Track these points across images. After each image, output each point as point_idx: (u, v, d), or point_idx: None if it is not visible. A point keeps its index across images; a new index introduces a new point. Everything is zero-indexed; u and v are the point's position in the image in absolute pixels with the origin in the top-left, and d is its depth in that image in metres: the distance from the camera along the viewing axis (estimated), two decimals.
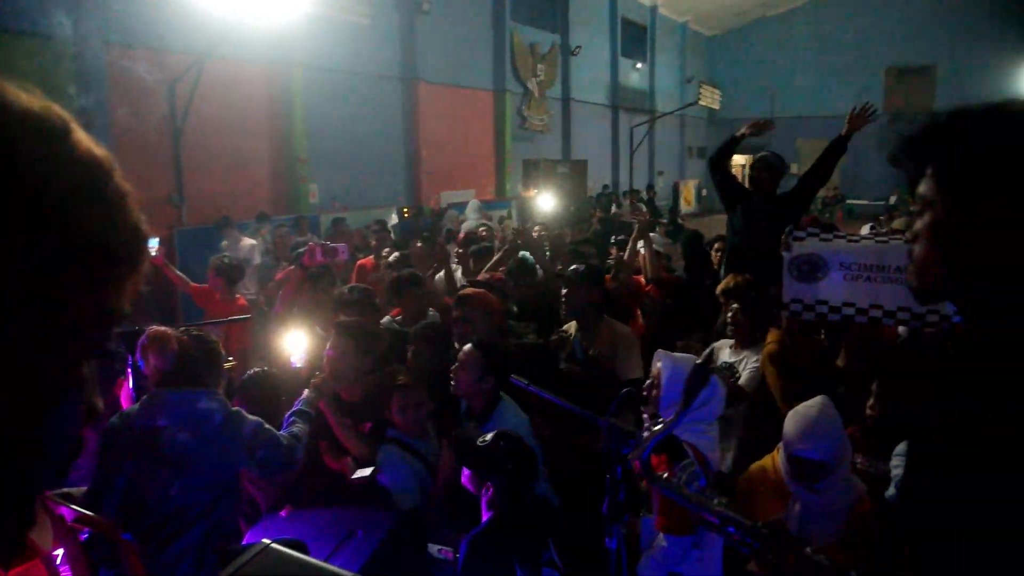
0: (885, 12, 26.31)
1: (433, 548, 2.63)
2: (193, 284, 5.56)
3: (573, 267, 4.06)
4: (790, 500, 2.57)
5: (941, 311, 3.02)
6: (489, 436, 2.37)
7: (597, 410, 2.40)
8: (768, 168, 5.02)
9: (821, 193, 25.48)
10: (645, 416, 2.61)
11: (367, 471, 2.85)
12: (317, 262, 4.44)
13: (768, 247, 4.74)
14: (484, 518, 2.40)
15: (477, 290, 3.96)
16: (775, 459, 2.64)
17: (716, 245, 6.22)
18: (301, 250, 5.01)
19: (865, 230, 5.48)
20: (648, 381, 2.66)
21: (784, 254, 3.40)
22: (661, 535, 2.64)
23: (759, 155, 5.20)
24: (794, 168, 29.30)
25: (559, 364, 3.64)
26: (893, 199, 23.95)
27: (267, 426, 2.66)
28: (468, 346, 3.10)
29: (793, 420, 2.54)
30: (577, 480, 3.08)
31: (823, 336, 3.87)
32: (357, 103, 11.93)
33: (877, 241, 3.31)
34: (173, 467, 2.49)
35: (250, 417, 2.66)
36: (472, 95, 15.28)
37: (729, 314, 3.89)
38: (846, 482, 2.52)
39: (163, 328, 2.95)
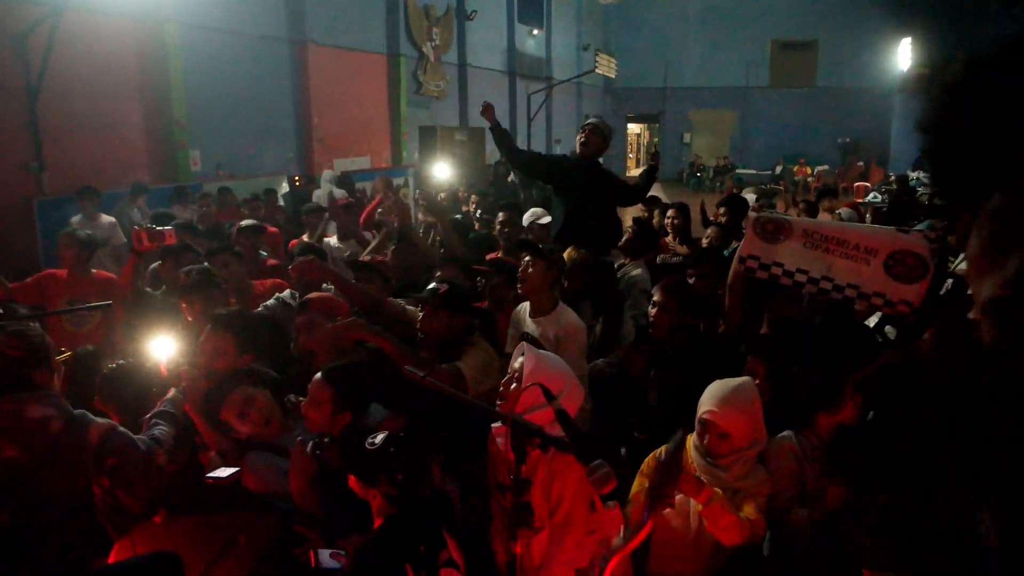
0: None
1: (324, 554, 2.42)
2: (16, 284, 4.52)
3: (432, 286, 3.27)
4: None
5: (887, 296, 3.05)
6: (379, 438, 2.15)
7: None
8: (598, 133, 5.10)
9: (712, 163, 26.46)
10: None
11: (225, 472, 2.58)
12: (145, 248, 4.06)
13: (604, 214, 4.95)
14: (375, 524, 2.21)
15: (322, 294, 3.62)
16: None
17: (669, 212, 6.09)
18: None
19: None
20: (506, 377, 2.49)
21: (751, 213, 3.39)
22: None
23: (590, 121, 5.26)
24: (687, 138, 30.39)
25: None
26: (779, 169, 25.04)
27: (120, 429, 2.37)
28: (317, 377, 2.69)
29: (713, 386, 2.49)
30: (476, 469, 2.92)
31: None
32: (241, 65, 11.18)
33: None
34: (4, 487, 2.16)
35: (97, 420, 2.35)
36: (365, 58, 14.66)
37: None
38: (753, 470, 2.49)
39: None
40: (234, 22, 10.95)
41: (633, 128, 33.14)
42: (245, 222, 5.50)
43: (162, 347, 2.90)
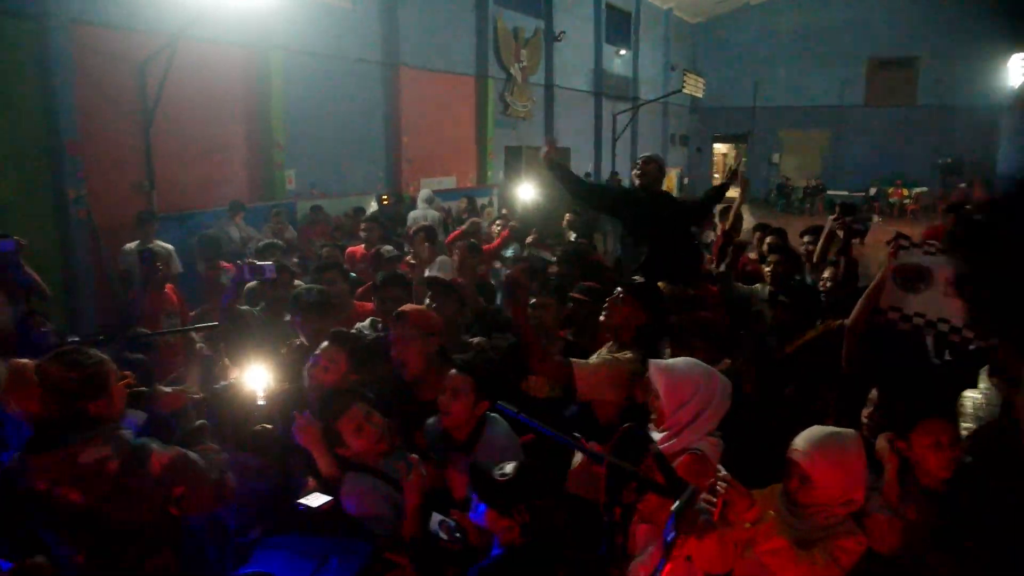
0: (868, 2, 26.27)
1: (435, 520, 2.48)
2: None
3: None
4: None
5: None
6: (509, 468, 2.18)
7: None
8: (652, 162, 5.12)
9: (802, 183, 25.68)
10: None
11: (318, 500, 2.66)
12: (247, 280, 4.24)
13: (683, 246, 4.91)
14: (494, 552, 2.24)
15: (417, 307, 3.64)
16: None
17: (805, 238, 5.80)
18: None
19: None
20: (651, 395, 2.54)
21: (892, 260, 3.31)
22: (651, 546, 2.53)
23: (644, 155, 5.26)
24: (775, 158, 29.64)
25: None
26: (873, 191, 24.07)
27: (188, 456, 2.31)
28: (454, 371, 2.88)
29: (813, 429, 2.39)
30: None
31: None
32: (336, 88, 11.61)
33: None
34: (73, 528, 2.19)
35: (162, 449, 2.26)
36: (454, 80, 14.99)
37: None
38: (834, 530, 2.30)
39: (21, 360, 2.65)
40: (333, 47, 11.40)
41: (720, 148, 32.56)
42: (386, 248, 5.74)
43: (258, 376, 3.01)
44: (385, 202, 12.19)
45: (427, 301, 4.02)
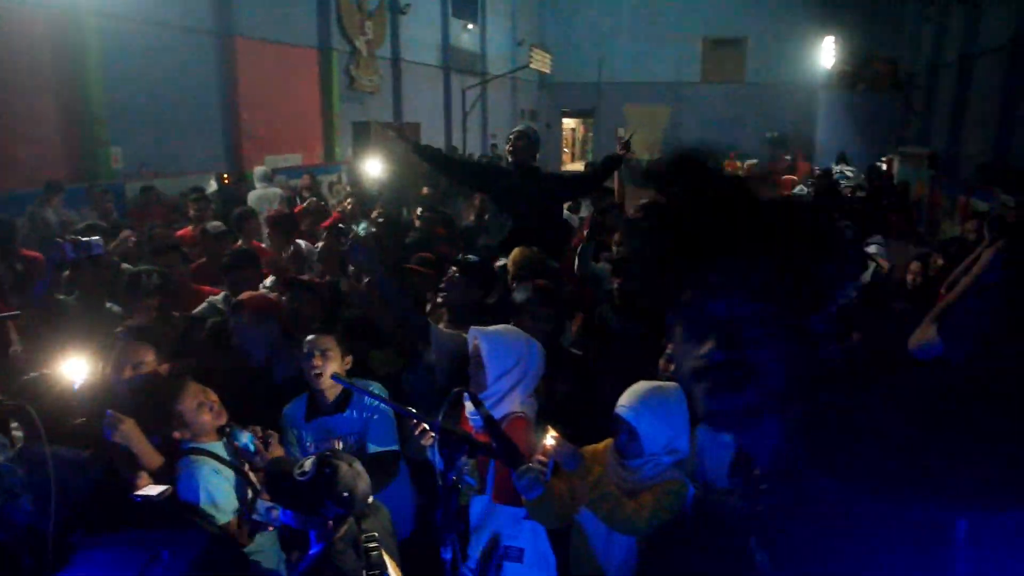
0: None
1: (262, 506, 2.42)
2: None
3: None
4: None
5: None
6: (308, 464, 2.11)
7: None
8: (523, 137, 5.10)
9: (646, 157, 26.83)
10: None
11: (155, 490, 2.51)
12: (69, 260, 3.94)
13: (550, 222, 4.99)
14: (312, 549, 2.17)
15: (256, 293, 3.68)
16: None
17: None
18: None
19: None
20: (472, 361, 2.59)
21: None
22: (491, 510, 2.59)
23: (516, 129, 5.24)
24: (621, 132, 30.68)
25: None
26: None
27: None
28: (313, 337, 2.92)
29: (636, 385, 2.51)
30: None
31: None
32: (165, 59, 10.78)
33: None
34: None
35: None
36: (295, 52, 14.34)
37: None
38: (661, 477, 2.43)
39: None
40: (157, 13, 10.55)
41: (568, 123, 33.36)
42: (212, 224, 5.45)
43: (75, 367, 2.78)
44: (226, 181, 11.53)
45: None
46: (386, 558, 2.15)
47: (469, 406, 2.40)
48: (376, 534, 2.18)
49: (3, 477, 2.21)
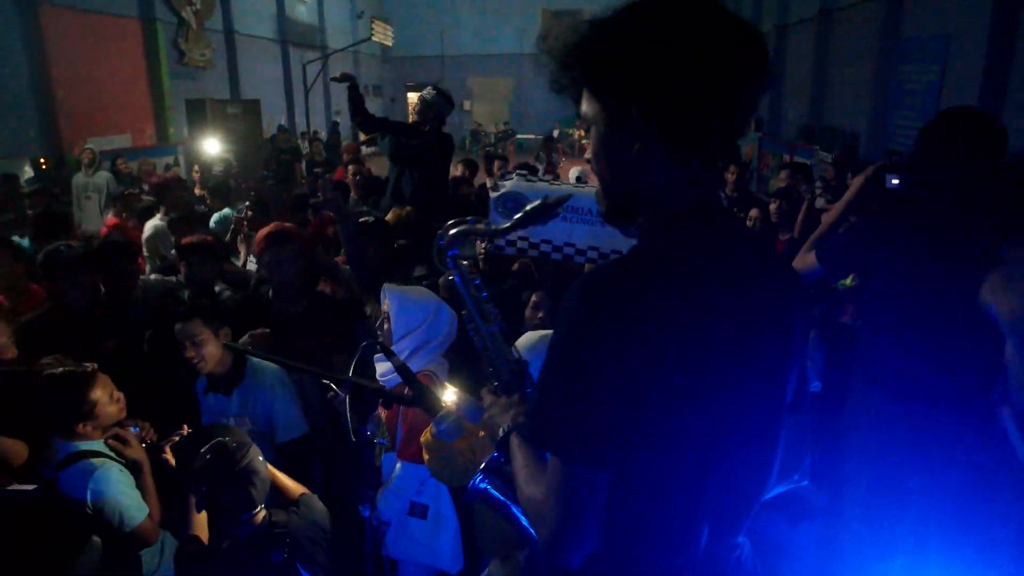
0: None
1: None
2: None
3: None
4: None
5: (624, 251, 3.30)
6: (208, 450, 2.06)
7: None
8: (420, 103, 5.45)
9: (493, 129, 27.08)
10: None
11: (28, 487, 2.30)
12: None
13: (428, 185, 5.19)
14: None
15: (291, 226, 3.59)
16: None
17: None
18: None
19: (574, 174, 5.92)
20: (380, 319, 2.57)
21: (491, 193, 3.50)
22: (399, 467, 2.58)
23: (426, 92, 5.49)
24: (467, 105, 30.75)
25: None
26: (556, 132, 26.23)
27: None
28: (180, 326, 2.77)
29: (526, 335, 2.56)
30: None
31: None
32: None
33: (575, 186, 3.50)
34: None
35: None
36: (114, 23, 13.09)
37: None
38: None
39: None
40: None
41: (413, 97, 32.95)
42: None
43: None
44: (43, 166, 10.45)
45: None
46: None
47: (380, 366, 2.36)
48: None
49: None
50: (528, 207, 1.28)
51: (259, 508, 2.13)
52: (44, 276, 3.39)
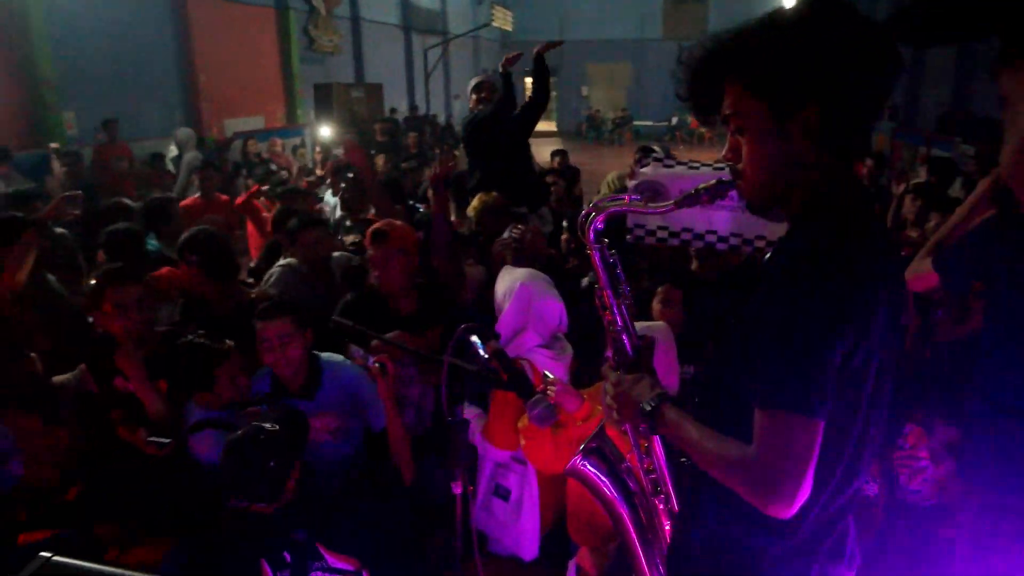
0: None
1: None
2: None
3: None
4: None
5: (768, 236, 3.16)
6: (268, 425, 2.08)
7: None
8: (475, 90, 5.40)
9: (611, 115, 26.77)
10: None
11: (163, 440, 2.47)
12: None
13: (508, 167, 5.04)
14: None
15: (394, 223, 3.43)
16: None
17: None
18: None
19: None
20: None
21: (629, 182, 3.45)
22: (488, 451, 2.61)
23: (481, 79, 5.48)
24: (584, 91, 30.51)
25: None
26: (675, 120, 25.64)
27: None
28: (263, 324, 2.65)
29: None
30: None
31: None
32: (115, 19, 10.33)
33: (715, 168, 3.39)
34: None
35: None
36: (252, 11, 13.86)
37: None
38: None
39: None
40: None
41: (531, 82, 33.00)
42: None
43: None
44: None
45: None
46: None
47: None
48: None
49: None
50: (699, 186, 1.33)
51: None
52: None
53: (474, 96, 5.30)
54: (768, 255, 1.26)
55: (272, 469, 2.02)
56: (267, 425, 2.08)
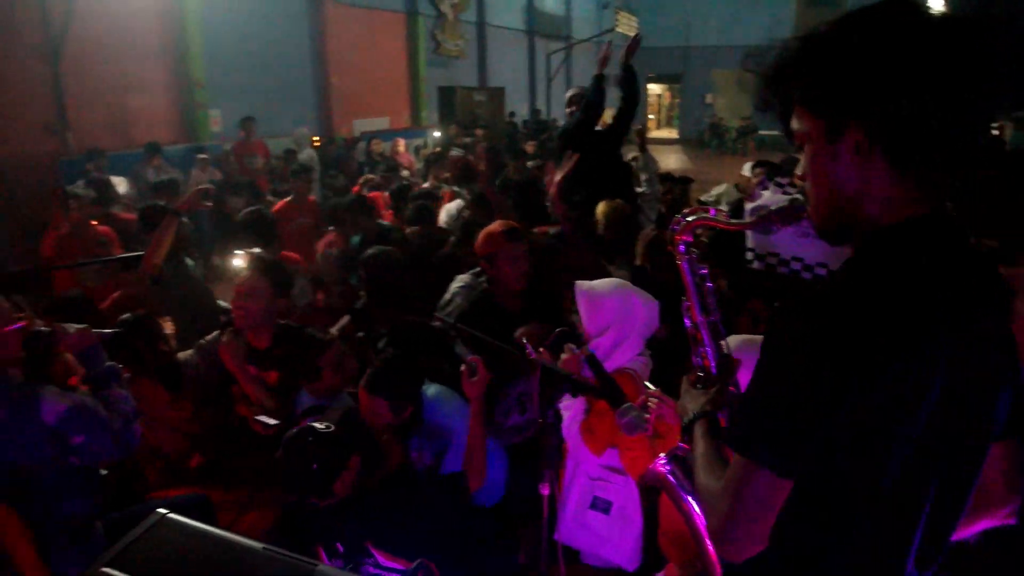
0: None
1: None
2: None
3: None
4: None
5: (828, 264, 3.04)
6: (324, 424, 2.13)
7: None
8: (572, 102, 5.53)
9: (735, 124, 26.02)
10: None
11: (271, 420, 2.64)
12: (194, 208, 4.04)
13: (600, 181, 5.02)
14: None
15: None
16: None
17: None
18: None
19: None
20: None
21: (746, 204, 3.42)
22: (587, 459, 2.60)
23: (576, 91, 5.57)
24: (708, 99, 29.79)
25: None
26: None
27: (85, 405, 2.13)
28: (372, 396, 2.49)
29: (731, 338, 2.47)
30: None
31: None
32: (260, 24, 11.08)
33: None
34: None
35: (56, 397, 2.10)
36: (383, 16, 14.49)
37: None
38: None
39: None
40: None
41: (654, 89, 32.57)
42: None
43: None
44: (316, 144, 11.84)
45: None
46: None
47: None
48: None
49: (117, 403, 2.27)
50: (772, 207, 1.33)
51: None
52: None
53: (570, 108, 5.40)
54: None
55: (316, 471, 2.06)
56: (320, 426, 2.12)
